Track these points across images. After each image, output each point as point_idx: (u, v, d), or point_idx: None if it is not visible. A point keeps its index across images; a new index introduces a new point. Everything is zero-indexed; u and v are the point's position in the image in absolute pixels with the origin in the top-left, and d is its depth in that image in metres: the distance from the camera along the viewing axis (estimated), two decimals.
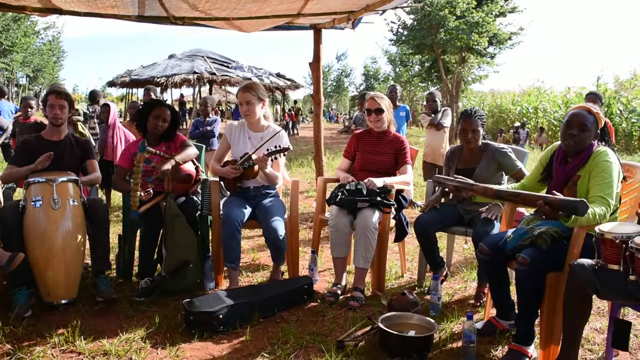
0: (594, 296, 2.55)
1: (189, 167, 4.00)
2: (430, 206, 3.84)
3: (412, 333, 3.00)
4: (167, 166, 3.80)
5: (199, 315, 3.15)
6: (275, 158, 3.81)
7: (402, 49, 26.77)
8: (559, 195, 2.58)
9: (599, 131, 2.89)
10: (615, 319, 2.64)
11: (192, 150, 4.05)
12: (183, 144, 4.07)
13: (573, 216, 2.52)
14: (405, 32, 22.83)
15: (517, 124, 22.16)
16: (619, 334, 2.56)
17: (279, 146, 3.77)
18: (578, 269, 2.50)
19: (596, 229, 2.47)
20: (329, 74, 53.98)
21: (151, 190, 3.85)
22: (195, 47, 21.61)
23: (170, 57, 20.18)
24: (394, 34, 23.63)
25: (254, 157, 3.78)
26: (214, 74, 18.08)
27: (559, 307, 2.68)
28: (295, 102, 35.56)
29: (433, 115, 7.03)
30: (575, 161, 2.89)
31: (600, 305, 3.60)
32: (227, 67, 19.03)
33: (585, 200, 2.49)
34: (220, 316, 3.17)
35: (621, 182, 2.87)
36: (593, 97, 6.25)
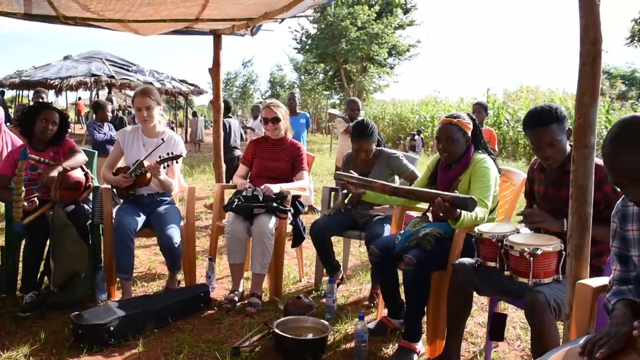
0: (475, 293, 2.73)
1: (78, 174, 3.81)
2: (337, 208, 3.94)
3: (310, 336, 3.06)
4: (54, 173, 3.61)
5: (88, 328, 3.02)
6: (168, 165, 3.74)
7: (307, 57, 27.14)
8: (455, 192, 2.73)
9: (469, 135, 3.05)
10: (492, 313, 2.84)
11: (81, 157, 3.87)
12: (72, 150, 3.88)
13: (461, 217, 2.65)
14: (309, 41, 23.24)
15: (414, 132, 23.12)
16: (496, 327, 2.75)
17: (172, 153, 3.70)
18: (459, 267, 2.66)
19: (475, 229, 2.64)
20: (234, 81, 53.44)
21: (36, 200, 3.62)
22: (93, 48, 20.65)
23: (66, 58, 19.23)
24: (297, 42, 23.96)
25: (146, 164, 3.69)
26: (113, 77, 17.45)
27: (443, 304, 2.84)
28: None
29: (351, 122, 7.15)
30: (457, 168, 3.07)
31: (484, 302, 3.84)
32: (127, 70, 18.44)
33: (474, 197, 2.63)
34: (111, 328, 3.06)
35: (498, 185, 3.09)
36: (478, 107, 6.68)
